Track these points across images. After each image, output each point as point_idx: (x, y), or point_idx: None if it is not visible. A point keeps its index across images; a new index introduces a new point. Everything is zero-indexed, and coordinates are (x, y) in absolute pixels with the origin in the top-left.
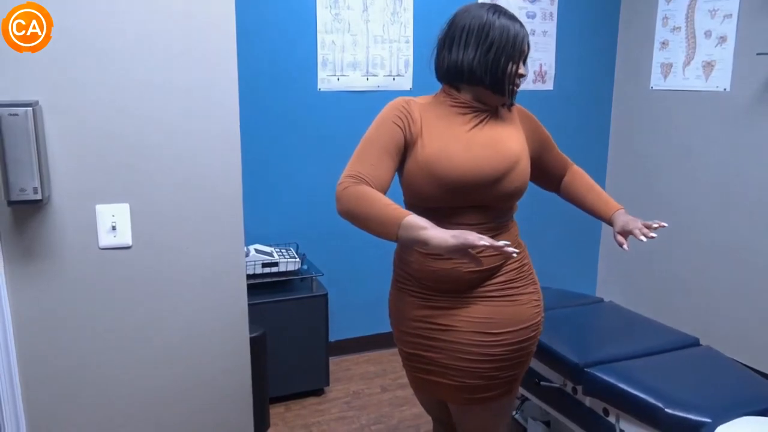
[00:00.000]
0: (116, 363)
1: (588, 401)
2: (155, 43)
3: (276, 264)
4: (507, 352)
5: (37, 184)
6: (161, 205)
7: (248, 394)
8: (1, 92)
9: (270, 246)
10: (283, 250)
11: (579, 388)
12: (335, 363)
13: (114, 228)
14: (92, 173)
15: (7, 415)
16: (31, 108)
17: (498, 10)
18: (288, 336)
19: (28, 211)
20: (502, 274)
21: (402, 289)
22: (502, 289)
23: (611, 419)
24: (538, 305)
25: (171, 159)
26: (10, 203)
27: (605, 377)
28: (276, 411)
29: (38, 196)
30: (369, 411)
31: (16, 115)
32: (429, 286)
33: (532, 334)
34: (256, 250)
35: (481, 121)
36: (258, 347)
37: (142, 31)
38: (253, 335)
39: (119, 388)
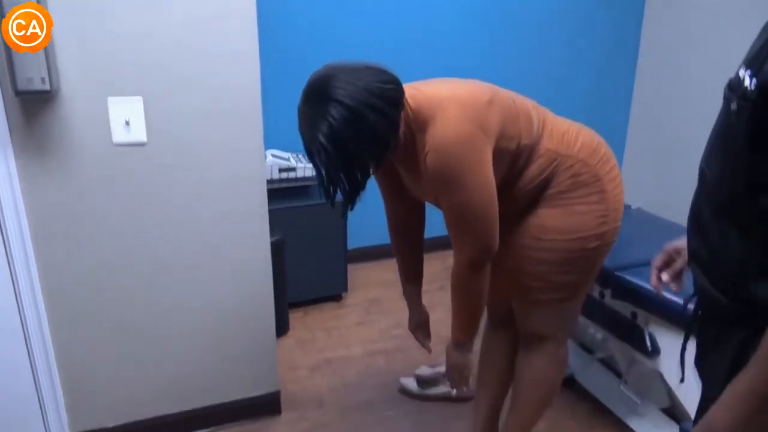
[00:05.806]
0: (134, 263)
1: (616, 305)
2: None
3: (293, 169)
4: (558, 258)
5: (44, 74)
6: (177, 101)
7: (270, 296)
8: None
9: (287, 152)
10: (300, 156)
11: (607, 292)
12: (354, 270)
13: (128, 123)
14: (102, 65)
15: (29, 318)
16: None
17: None
18: (306, 243)
19: (38, 103)
20: (552, 189)
21: None
22: (553, 200)
23: (640, 323)
24: (602, 216)
25: (187, 54)
26: (18, 93)
27: (634, 280)
28: (295, 316)
29: (46, 87)
30: (388, 316)
31: None
32: None
33: (594, 244)
34: (273, 155)
35: None
36: (277, 252)
37: None
38: (272, 240)
39: (137, 290)
